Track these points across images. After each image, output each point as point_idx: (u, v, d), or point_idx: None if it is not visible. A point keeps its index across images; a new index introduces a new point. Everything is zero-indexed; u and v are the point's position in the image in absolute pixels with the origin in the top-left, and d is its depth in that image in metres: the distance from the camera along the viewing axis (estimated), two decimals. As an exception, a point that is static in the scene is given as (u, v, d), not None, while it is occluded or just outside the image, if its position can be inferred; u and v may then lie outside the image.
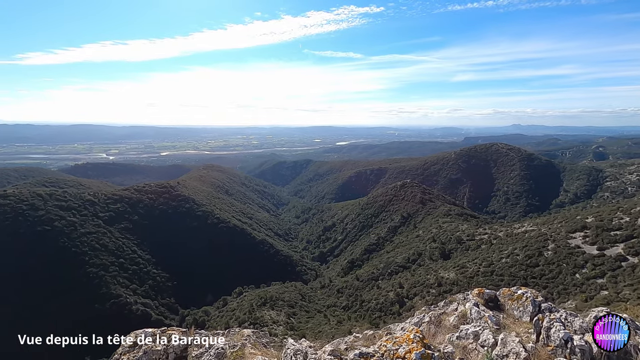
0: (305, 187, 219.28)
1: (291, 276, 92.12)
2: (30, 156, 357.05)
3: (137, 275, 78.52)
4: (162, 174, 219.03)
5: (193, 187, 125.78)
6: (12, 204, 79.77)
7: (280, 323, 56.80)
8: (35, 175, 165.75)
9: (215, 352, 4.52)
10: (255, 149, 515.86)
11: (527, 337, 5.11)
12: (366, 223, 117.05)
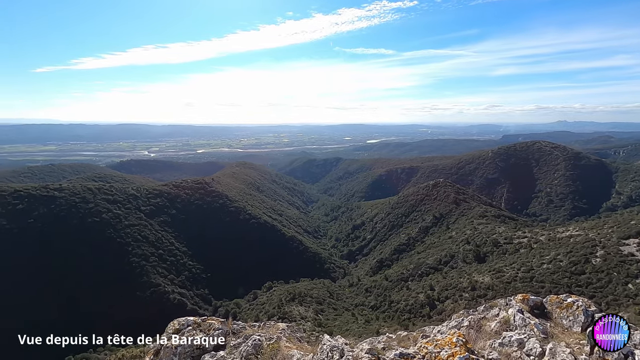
0: (334, 185, 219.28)
1: (319, 273, 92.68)
2: (82, 153, 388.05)
3: (174, 266, 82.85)
4: (198, 170, 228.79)
5: (226, 184, 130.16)
6: (66, 197, 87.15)
7: (308, 319, 57.36)
8: (86, 171, 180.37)
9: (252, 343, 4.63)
10: (286, 146, 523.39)
11: (579, 348, 4.71)
12: (396, 222, 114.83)
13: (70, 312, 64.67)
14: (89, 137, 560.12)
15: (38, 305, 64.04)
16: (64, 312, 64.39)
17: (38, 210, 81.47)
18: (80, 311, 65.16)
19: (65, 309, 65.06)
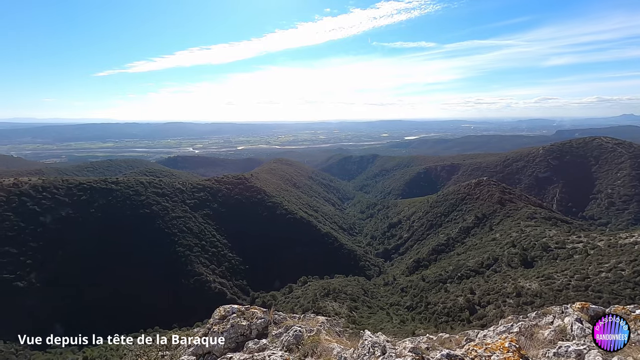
0: (370, 182, 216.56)
1: (354, 270, 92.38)
2: (135, 149, 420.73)
3: (215, 257, 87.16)
4: (238, 166, 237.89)
5: (264, 179, 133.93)
6: (122, 190, 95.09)
7: (342, 315, 57.49)
8: (138, 166, 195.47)
9: (293, 334, 4.76)
10: (322, 143, 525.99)
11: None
12: (435, 222, 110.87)
13: (124, 295, 70.65)
14: (141, 134, 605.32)
15: (98, 286, 70.79)
16: (119, 295, 70.50)
17: (98, 201, 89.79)
18: (132, 294, 70.98)
19: (119, 292, 71.24)
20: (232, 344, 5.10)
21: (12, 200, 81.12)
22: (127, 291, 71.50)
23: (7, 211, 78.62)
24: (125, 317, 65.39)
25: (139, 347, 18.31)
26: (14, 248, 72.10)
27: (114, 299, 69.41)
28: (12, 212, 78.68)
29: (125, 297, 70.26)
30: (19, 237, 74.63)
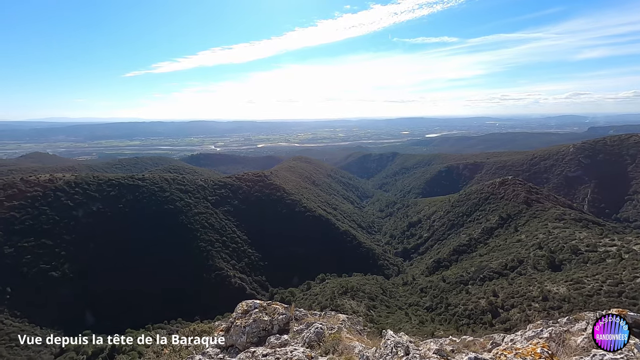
0: (390, 181, 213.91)
1: (372, 269, 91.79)
2: (160, 147, 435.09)
3: (235, 253, 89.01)
4: (258, 164, 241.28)
5: (284, 177, 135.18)
6: (147, 186, 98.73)
7: (360, 314, 57.27)
8: (163, 163, 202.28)
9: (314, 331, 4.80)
10: (342, 141, 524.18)
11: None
12: (456, 222, 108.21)
13: (149, 286, 73.46)
14: (166, 133, 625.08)
15: (125, 277, 73.96)
16: (144, 286, 73.37)
17: (126, 197, 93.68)
18: (156, 286, 73.70)
19: (144, 283, 74.11)
20: (254, 338, 5.20)
21: (48, 195, 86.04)
22: (152, 283, 74.32)
23: (44, 205, 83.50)
24: (149, 308, 68.10)
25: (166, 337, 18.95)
26: (50, 240, 76.58)
27: (140, 290, 72.34)
28: (48, 207, 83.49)
29: (150, 288, 73.05)
30: (54, 230, 79.14)
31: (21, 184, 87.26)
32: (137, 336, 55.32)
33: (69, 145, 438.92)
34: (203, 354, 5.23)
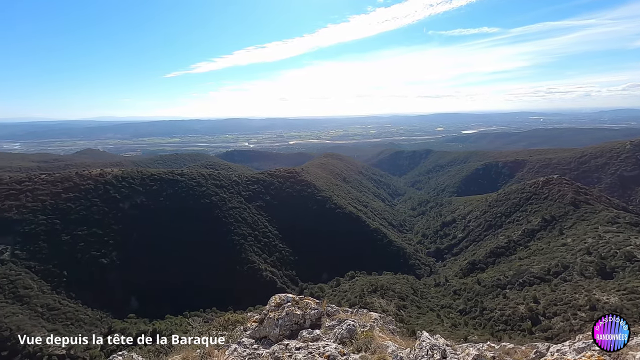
0: (423, 179, 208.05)
1: (403, 268, 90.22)
2: (197, 144, 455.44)
3: (267, 247, 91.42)
4: (289, 160, 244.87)
5: (314, 174, 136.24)
6: (186, 181, 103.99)
7: (390, 313, 56.62)
8: (200, 159, 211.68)
9: (346, 327, 4.94)
10: (373, 138, 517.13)
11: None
12: (494, 222, 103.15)
13: (185, 275, 77.60)
14: (203, 130, 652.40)
15: (164, 266, 78.71)
16: (181, 276, 77.61)
17: (167, 191, 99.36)
18: (192, 275, 77.66)
19: (182, 273, 78.39)
20: (286, 331, 5.44)
21: (99, 188, 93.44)
22: (188, 273, 78.44)
23: (95, 197, 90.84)
24: (187, 295, 71.98)
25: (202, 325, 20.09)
26: (100, 229, 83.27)
27: (177, 279, 76.64)
28: (99, 199, 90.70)
29: (187, 277, 77.13)
30: (104, 220, 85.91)
31: (76, 178, 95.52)
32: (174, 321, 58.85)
33: (117, 143, 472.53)
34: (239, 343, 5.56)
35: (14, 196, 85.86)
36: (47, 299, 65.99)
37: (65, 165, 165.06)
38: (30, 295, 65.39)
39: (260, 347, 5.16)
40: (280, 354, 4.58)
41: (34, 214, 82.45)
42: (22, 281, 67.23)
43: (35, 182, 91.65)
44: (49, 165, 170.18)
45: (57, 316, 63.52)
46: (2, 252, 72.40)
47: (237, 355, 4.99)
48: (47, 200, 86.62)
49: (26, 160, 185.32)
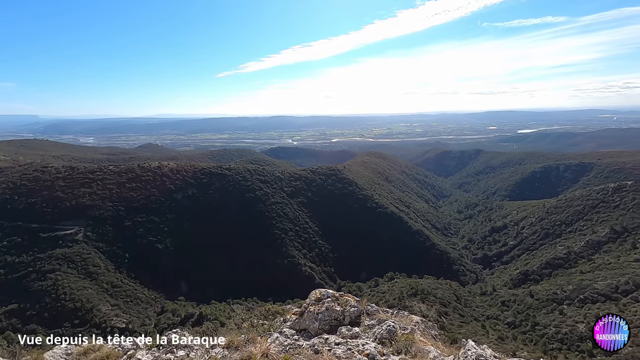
0: (471, 180, 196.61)
1: (446, 274, 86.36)
2: (244, 140, 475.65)
3: (307, 243, 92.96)
4: (331, 158, 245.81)
5: (356, 172, 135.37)
6: (233, 175, 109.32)
7: (430, 319, 54.57)
8: (246, 155, 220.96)
9: (387, 328, 4.93)
10: (419, 136, 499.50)
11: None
12: (552, 231, 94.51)
13: (230, 265, 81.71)
14: (249, 127, 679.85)
15: (211, 255, 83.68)
16: (226, 265, 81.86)
17: (215, 184, 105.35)
18: (236, 265, 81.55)
19: (226, 262, 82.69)
20: (326, 326, 5.56)
21: (156, 180, 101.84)
22: (232, 262, 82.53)
23: (153, 187, 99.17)
24: (229, 284, 75.81)
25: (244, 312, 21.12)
26: (156, 217, 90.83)
27: (222, 268, 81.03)
28: (156, 189, 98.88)
29: (230, 267, 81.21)
30: (160, 209, 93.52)
31: (137, 170, 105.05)
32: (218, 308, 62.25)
33: (173, 138, 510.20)
34: (280, 333, 5.80)
35: (87, 184, 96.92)
36: (111, 277, 73.78)
37: (130, 157, 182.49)
38: (97, 272, 73.60)
39: (300, 339, 5.33)
40: (320, 347, 4.71)
41: (103, 201, 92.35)
42: (92, 260, 75.84)
43: (104, 172, 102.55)
44: (116, 157, 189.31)
45: (118, 293, 70.76)
46: (76, 232, 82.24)
47: (278, 344, 5.22)
48: (113, 188, 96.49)
49: (98, 153, 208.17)
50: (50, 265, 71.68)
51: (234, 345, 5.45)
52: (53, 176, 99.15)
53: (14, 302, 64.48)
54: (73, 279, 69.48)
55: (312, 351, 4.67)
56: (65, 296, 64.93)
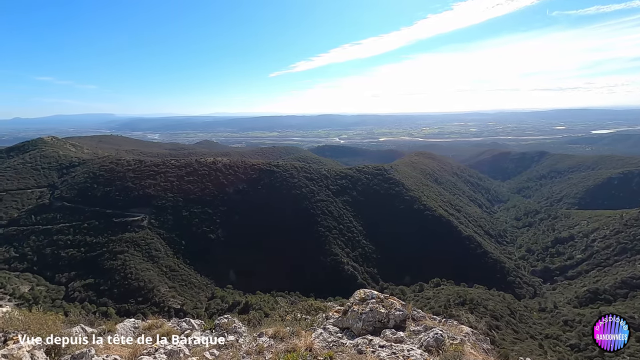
0: (533, 185, 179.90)
1: (499, 284, 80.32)
2: (292, 138, 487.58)
3: (350, 242, 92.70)
4: (378, 157, 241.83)
5: (404, 172, 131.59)
6: (280, 172, 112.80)
7: (480, 331, 51.27)
8: (294, 153, 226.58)
9: (434, 336, 4.79)
10: (473, 136, 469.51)
11: None
12: (630, 246, 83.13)
13: (273, 258, 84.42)
14: (297, 126, 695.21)
15: (257, 247, 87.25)
16: (269, 258, 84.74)
17: (264, 180, 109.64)
18: (279, 259, 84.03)
19: (270, 255, 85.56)
20: (369, 327, 5.56)
21: (211, 174, 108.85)
22: (277, 256, 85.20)
23: (208, 181, 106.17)
24: (273, 276, 78.42)
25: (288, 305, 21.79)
26: (210, 209, 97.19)
27: (267, 260, 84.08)
28: (210, 183, 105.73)
29: (275, 260, 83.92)
30: (213, 201, 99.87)
31: (195, 164, 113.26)
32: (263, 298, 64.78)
33: (227, 135, 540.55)
34: (324, 329, 5.93)
35: (152, 176, 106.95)
36: (169, 262, 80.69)
37: (188, 153, 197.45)
38: (158, 256, 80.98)
39: (343, 337, 5.39)
40: (364, 347, 4.73)
41: (165, 192, 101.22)
42: (154, 244, 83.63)
43: (167, 166, 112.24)
44: (177, 152, 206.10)
45: (175, 276, 77.16)
46: (142, 219, 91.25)
47: (322, 340, 5.34)
48: (174, 181, 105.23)
49: (161, 148, 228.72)
50: (120, 247, 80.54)
51: (279, 335, 5.70)
52: (125, 168, 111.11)
53: (90, 277, 73.73)
54: (138, 261, 77.33)
55: (355, 350, 4.70)
56: (132, 275, 72.53)
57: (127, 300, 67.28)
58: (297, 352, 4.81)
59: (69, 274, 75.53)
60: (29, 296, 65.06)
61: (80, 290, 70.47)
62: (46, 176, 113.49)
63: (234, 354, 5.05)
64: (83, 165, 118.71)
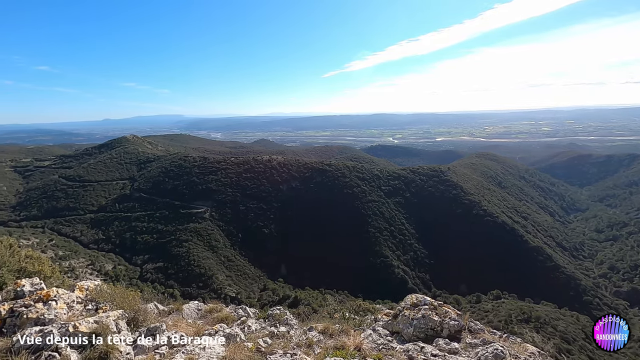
0: (619, 193, 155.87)
1: (572, 304, 71.37)
2: (345, 138, 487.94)
3: (401, 245, 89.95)
4: (434, 158, 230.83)
5: (462, 174, 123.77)
6: (332, 171, 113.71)
7: (545, 354, 46.12)
8: (346, 152, 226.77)
9: (493, 351, 4.46)
10: (546, 136, 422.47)
11: None
12: None
13: (324, 256, 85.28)
14: (350, 125, 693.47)
15: (308, 245, 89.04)
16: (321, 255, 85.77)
17: (316, 178, 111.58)
18: (330, 257, 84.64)
19: (321, 253, 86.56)
20: (421, 334, 5.37)
21: (267, 172, 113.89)
22: (327, 254, 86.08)
23: (263, 178, 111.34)
24: (323, 274, 79.35)
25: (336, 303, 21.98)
26: (265, 205, 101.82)
27: (318, 258, 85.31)
28: (266, 180, 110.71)
29: (325, 258, 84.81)
30: (268, 197, 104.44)
31: (252, 162, 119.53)
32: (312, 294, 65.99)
33: (282, 135, 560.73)
34: (374, 330, 5.90)
35: (214, 172, 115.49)
36: (227, 252, 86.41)
37: (246, 151, 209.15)
38: (218, 246, 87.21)
39: (393, 341, 5.30)
40: (415, 354, 4.58)
41: (225, 187, 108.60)
42: (214, 235, 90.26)
43: (227, 163, 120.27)
44: (237, 150, 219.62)
45: (232, 267, 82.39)
46: (204, 212, 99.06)
47: (371, 341, 5.32)
48: (233, 177, 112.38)
49: (223, 146, 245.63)
50: (186, 236, 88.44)
51: (329, 332, 5.81)
52: (191, 164, 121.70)
53: (160, 261, 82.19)
54: (200, 250, 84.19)
55: (405, 356, 4.58)
56: (194, 262, 79.24)
57: (190, 284, 73.69)
58: (345, 350, 4.86)
59: (144, 257, 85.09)
60: (112, 274, 74.74)
61: (152, 272, 79.03)
62: (128, 170, 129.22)
63: (285, 345, 5.28)
64: (157, 161, 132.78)
